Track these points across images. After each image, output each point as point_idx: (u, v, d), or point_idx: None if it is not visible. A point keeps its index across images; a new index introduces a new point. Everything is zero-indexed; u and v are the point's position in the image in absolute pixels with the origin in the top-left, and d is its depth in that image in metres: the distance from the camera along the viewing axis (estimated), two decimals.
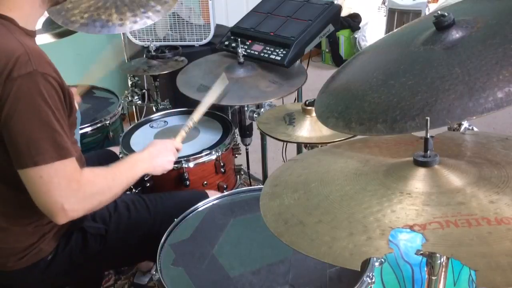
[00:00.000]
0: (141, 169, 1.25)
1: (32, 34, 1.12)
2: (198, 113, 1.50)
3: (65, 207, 1.01)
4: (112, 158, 1.60)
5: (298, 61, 1.86)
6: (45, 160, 0.99)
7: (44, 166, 0.99)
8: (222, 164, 1.59)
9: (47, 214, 1.03)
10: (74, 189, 1.03)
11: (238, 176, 1.77)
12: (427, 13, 3.33)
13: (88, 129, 1.81)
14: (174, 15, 2.68)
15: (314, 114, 1.30)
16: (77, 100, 1.64)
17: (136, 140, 1.70)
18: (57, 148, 1.00)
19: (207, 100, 1.53)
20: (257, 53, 1.79)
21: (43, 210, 1.03)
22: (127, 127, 1.84)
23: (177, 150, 1.40)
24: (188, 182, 1.53)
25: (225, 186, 1.63)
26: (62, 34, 1.90)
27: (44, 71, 0.99)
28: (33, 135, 0.98)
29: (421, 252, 0.65)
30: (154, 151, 1.31)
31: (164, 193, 1.45)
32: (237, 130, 1.80)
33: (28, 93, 0.98)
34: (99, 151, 1.75)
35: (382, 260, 1.03)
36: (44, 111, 0.99)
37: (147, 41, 2.56)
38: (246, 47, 1.83)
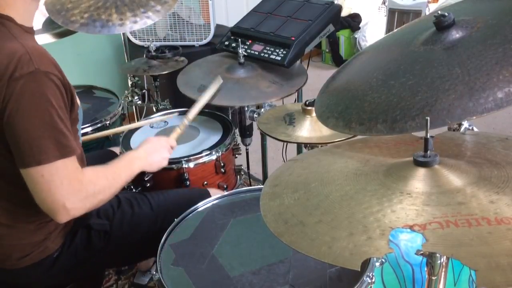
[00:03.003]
0: (138, 166, 1.27)
1: (30, 31, 1.12)
2: (194, 112, 1.54)
3: (66, 205, 1.02)
4: (113, 159, 1.60)
5: (298, 62, 1.86)
6: (48, 159, 0.99)
7: (47, 165, 0.99)
8: (222, 164, 1.59)
9: (48, 212, 1.04)
10: (76, 188, 1.04)
11: (238, 176, 1.77)
12: (427, 13, 3.33)
13: (88, 129, 1.81)
14: (174, 15, 2.68)
15: (314, 114, 1.30)
16: None
17: (136, 140, 1.69)
18: (59, 146, 1.01)
19: (203, 100, 1.56)
20: (257, 53, 1.79)
21: (44, 208, 1.03)
22: None
23: (172, 148, 1.42)
24: (188, 182, 1.53)
25: (225, 186, 1.63)
26: (62, 34, 1.90)
27: (46, 69, 1.00)
28: (36, 134, 0.99)
29: (421, 252, 0.65)
30: (150, 149, 1.34)
31: (166, 191, 1.45)
32: (237, 130, 1.80)
33: (31, 93, 0.98)
34: (100, 151, 1.75)
35: (383, 260, 1.03)
36: (47, 110, 1.00)
37: (147, 41, 2.57)
38: (246, 47, 1.83)
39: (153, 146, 1.35)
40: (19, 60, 0.98)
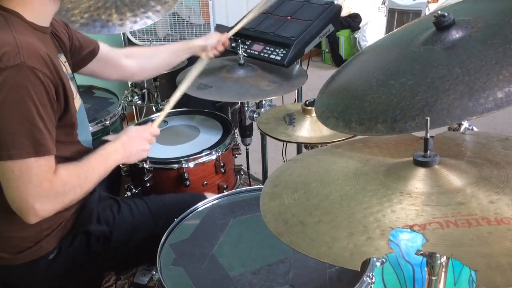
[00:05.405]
0: (114, 160, 1.21)
1: (42, 30, 1.11)
2: (177, 96, 1.44)
3: (35, 207, 1.00)
4: None
5: (298, 64, 1.86)
6: (21, 155, 0.97)
7: (19, 161, 0.97)
8: (222, 164, 1.59)
9: (17, 212, 1.02)
10: (45, 188, 1.01)
11: (238, 176, 1.77)
12: (427, 13, 3.33)
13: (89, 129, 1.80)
14: (174, 15, 2.68)
15: (314, 114, 1.30)
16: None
17: None
18: (35, 144, 0.99)
19: (187, 81, 1.46)
20: (257, 53, 1.79)
21: (13, 207, 1.01)
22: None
23: (154, 135, 1.34)
24: (188, 182, 1.53)
25: (225, 186, 1.63)
26: None
27: (33, 65, 0.98)
28: (11, 128, 0.97)
29: (421, 252, 0.65)
30: (128, 140, 1.26)
31: (165, 196, 1.45)
32: (237, 130, 1.80)
33: (12, 85, 0.96)
34: (95, 142, 1.74)
35: (383, 260, 1.03)
36: (27, 105, 0.97)
37: (147, 41, 2.57)
38: (246, 47, 1.83)
39: (131, 137, 1.26)
40: (6, 52, 0.96)
